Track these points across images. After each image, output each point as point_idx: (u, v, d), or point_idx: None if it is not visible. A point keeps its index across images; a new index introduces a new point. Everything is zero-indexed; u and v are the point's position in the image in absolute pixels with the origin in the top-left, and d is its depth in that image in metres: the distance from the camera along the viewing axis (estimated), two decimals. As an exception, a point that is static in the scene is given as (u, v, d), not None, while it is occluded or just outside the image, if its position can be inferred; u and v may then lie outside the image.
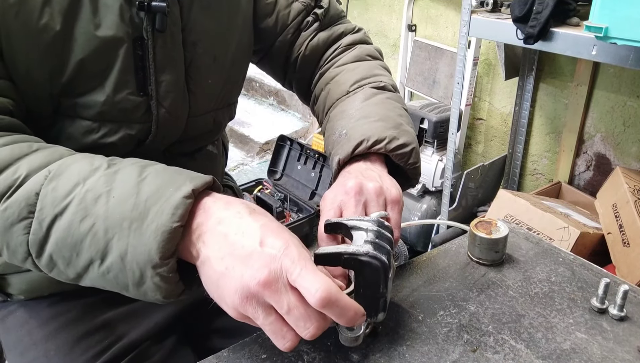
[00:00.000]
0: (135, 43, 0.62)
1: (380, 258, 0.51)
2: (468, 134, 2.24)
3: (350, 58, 0.83)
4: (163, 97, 0.66)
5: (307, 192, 2.39)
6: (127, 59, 0.62)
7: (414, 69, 2.36)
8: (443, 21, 2.25)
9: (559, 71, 1.87)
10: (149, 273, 0.47)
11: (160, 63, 0.64)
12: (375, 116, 0.71)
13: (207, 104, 0.74)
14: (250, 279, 0.44)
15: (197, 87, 0.70)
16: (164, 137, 0.70)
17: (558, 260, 0.71)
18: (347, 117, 0.73)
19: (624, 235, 1.40)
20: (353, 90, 0.77)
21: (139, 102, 0.65)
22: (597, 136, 1.83)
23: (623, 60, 1.20)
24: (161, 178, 0.50)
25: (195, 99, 0.71)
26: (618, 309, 0.59)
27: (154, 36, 0.63)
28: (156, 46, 0.63)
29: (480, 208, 2.05)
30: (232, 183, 0.95)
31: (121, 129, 0.65)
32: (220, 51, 0.72)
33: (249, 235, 0.47)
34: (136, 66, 0.63)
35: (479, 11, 1.57)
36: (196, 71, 0.69)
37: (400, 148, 0.68)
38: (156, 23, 0.62)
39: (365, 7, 2.63)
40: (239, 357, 0.54)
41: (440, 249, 0.73)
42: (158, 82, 0.65)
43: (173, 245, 0.47)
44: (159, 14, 0.61)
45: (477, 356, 0.54)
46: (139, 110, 0.65)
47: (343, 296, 0.46)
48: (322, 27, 0.83)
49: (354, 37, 0.85)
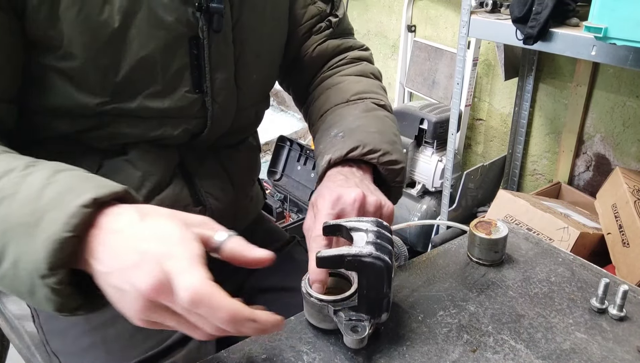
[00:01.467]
0: (191, 42, 0.64)
1: (383, 258, 0.51)
2: (468, 135, 2.24)
3: (354, 71, 0.85)
4: (217, 93, 0.69)
5: (307, 192, 2.39)
6: (183, 58, 0.64)
7: (414, 70, 2.36)
8: (442, 22, 2.25)
9: (558, 71, 1.87)
10: (37, 282, 0.44)
11: (214, 62, 0.67)
12: (373, 127, 0.72)
13: (251, 99, 0.77)
14: (141, 289, 0.42)
15: (244, 83, 0.73)
16: (216, 130, 0.72)
17: (558, 260, 0.71)
18: (345, 122, 0.74)
19: (623, 235, 1.40)
20: (354, 100, 0.79)
21: (194, 99, 0.67)
22: (597, 137, 1.83)
23: (622, 60, 1.20)
24: (69, 183, 0.46)
25: (242, 94, 0.73)
26: (618, 309, 0.59)
27: (209, 36, 0.65)
28: (212, 46, 0.65)
29: (480, 209, 2.05)
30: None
31: (179, 124, 0.68)
32: (263, 48, 0.75)
33: (136, 244, 0.44)
34: (192, 64, 0.65)
35: (478, 12, 1.57)
36: (243, 68, 0.72)
37: (392, 163, 0.69)
38: (213, 23, 0.64)
39: (365, 7, 2.64)
40: (239, 357, 0.55)
41: (440, 249, 0.73)
42: (213, 79, 0.67)
43: (63, 255, 0.43)
44: (216, 15, 0.63)
45: (477, 356, 0.54)
46: (194, 106, 0.68)
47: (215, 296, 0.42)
48: (334, 35, 0.86)
49: (361, 54, 0.89)
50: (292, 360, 0.54)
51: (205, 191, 0.75)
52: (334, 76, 0.85)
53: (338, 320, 0.54)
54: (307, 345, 0.55)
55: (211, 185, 0.75)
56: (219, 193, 0.76)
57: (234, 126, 0.76)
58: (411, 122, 2.01)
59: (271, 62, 0.80)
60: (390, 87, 2.66)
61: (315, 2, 0.83)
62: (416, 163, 2.07)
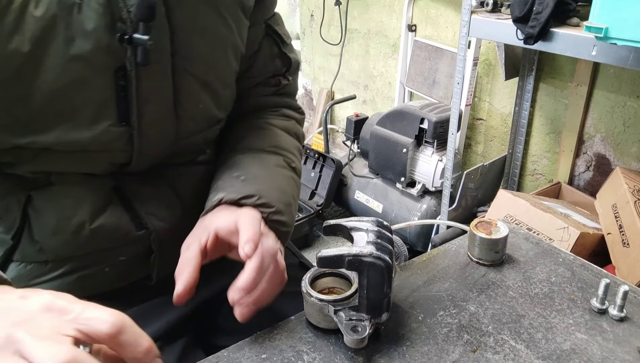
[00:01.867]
0: (117, 74, 0.59)
1: (384, 258, 0.52)
2: (468, 135, 2.24)
3: (281, 125, 0.84)
4: (147, 127, 0.64)
5: (307, 192, 2.39)
6: (107, 90, 0.60)
7: (414, 69, 2.36)
8: (443, 21, 2.25)
9: (559, 71, 1.87)
10: None
11: (144, 94, 0.62)
12: (276, 183, 0.71)
13: (196, 127, 0.73)
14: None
15: (186, 113, 0.69)
16: (145, 162, 0.69)
17: (558, 260, 0.71)
18: (250, 168, 0.72)
19: (623, 236, 1.40)
20: (269, 150, 0.78)
21: (120, 132, 0.63)
22: (597, 137, 1.83)
23: (623, 60, 1.20)
24: None
25: (183, 123, 0.69)
26: (618, 309, 0.59)
27: (137, 67, 0.60)
28: (140, 78, 0.61)
29: (480, 208, 2.05)
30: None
31: (103, 158, 0.65)
32: (210, 75, 0.70)
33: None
34: (118, 96, 0.60)
35: (479, 11, 1.57)
36: (186, 97, 0.68)
37: (281, 224, 0.67)
38: (138, 56, 0.59)
39: (365, 7, 2.63)
40: (238, 356, 0.55)
41: (440, 249, 0.73)
42: (141, 113, 0.63)
43: None
44: (140, 47, 0.58)
45: (477, 356, 0.54)
46: (119, 140, 0.64)
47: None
48: (276, 93, 0.86)
49: (293, 114, 0.88)
50: (292, 360, 0.54)
51: (146, 213, 0.71)
52: (260, 121, 0.83)
53: (338, 320, 0.54)
54: (307, 345, 0.55)
55: (154, 206, 0.72)
56: (165, 214, 0.73)
57: (176, 152, 0.72)
58: (411, 122, 2.01)
59: (223, 89, 0.75)
60: (391, 87, 2.66)
61: (275, 59, 0.83)
62: (416, 163, 2.07)
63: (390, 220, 2.13)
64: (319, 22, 2.92)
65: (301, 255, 0.92)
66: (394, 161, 2.08)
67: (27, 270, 0.68)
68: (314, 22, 3.05)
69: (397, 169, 2.08)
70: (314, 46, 3.12)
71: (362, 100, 2.87)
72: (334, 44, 2.85)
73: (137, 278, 0.75)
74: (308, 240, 2.29)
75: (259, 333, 0.57)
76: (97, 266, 0.71)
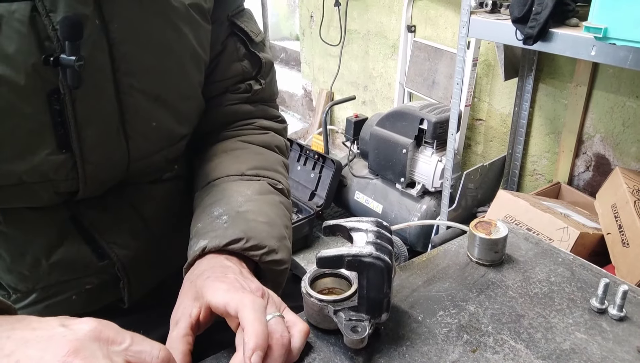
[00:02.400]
0: (50, 97, 0.54)
1: (383, 258, 0.52)
2: (467, 135, 2.24)
3: (258, 141, 0.76)
4: (89, 153, 0.59)
5: (307, 193, 2.39)
6: (41, 116, 0.54)
7: (414, 70, 2.36)
8: (442, 22, 2.25)
9: (558, 71, 1.87)
10: None
11: (82, 118, 0.57)
12: (263, 216, 0.64)
13: (152, 146, 0.66)
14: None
15: (136, 133, 0.63)
16: (99, 187, 0.64)
17: (558, 260, 0.71)
18: (232, 202, 0.64)
19: (623, 236, 1.40)
20: (249, 175, 0.70)
21: (62, 160, 0.58)
22: (597, 137, 1.83)
23: (622, 60, 1.20)
24: None
25: (135, 144, 0.63)
26: (617, 309, 0.59)
27: (71, 90, 0.54)
28: (76, 100, 0.55)
29: (479, 209, 2.05)
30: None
31: (46, 188, 0.59)
32: (163, 89, 0.64)
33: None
34: (54, 122, 0.55)
35: (478, 12, 1.57)
36: (134, 115, 0.61)
37: (276, 263, 0.61)
38: (67, 78, 0.53)
39: (365, 7, 2.64)
40: (239, 357, 0.54)
41: (440, 249, 0.73)
42: (81, 137, 0.57)
43: None
44: (68, 69, 0.52)
45: (476, 356, 0.54)
46: (62, 168, 0.59)
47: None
48: (249, 100, 0.77)
49: (271, 124, 0.79)
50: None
51: (108, 243, 0.66)
52: (235, 139, 0.75)
53: (338, 320, 0.54)
54: (307, 345, 0.55)
55: (116, 234, 0.67)
56: (128, 241, 0.68)
57: (134, 174, 0.67)
58: (411, 123, 2.01)
59: (182, 103, 0.68)
60: (390, 88, 2.66)
61: (242, 60, 0.75)
62: (416, 163, 2.07)
63: (390, 221, 2.13)
64: (318, 23, 2.92)
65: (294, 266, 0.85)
66: (394, 162, 2.08)
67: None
68: (313, 23, 3.05)
69: (397, 170, 2.08)
70: (313, 47, 3.12)
71: (362, 101, 2.87)
72: (334, 44, 2.85)
73: (108, 302, 0.71)
74: (308, 240, 2.29)
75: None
76: (63, 295, 0.67)
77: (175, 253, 0.74)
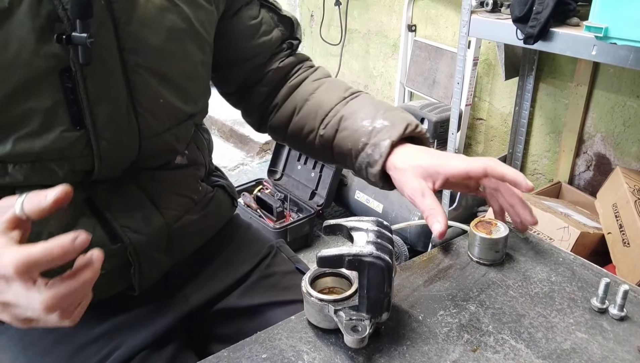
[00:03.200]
0: (62, 76, 0.57)
1: (383, 258, 0.52)
2: (468, 134, 2.24)
3: (320, 75, 0.85)
4: (102, 129, 0.62)
5: (307, 192, 2.39)
6: (54, 94, 0.57)
7: (414, 69, 2.36)
8: (443, 21, 2.25)
9: (559, 71, 1.87)
10: None
11: (94, 95, 0.60)
12: (395, 109, 0.74)
13: (162, 124, 0.69)
14: None
15: (145, 110, 0.66)
16: (111, 167, 0.66)
17: (558, 259, 0.71)
18: (370, 113, 0.74)
19: (624, 235, 1.40)
20: (349, 95, 0.79)
21: (76, 137, 0.61)
22: (597, 136, 1.83)
23: (623, 60, 1.20)
24: None
25: (145, 121, 0.66)
26: (618, 309, 0.59)
27: (82, 68, 0.58)
28: (87, 78, 0.59)
29: (480, 208, 2.05)
30: (224, 181, 0.91)
31: (62, 166, 0.62)
32: (168, 68, 0.67)
33: None
34: (67, 99, 0.58)
35: (478, 11, 1.57)
36: (142, 93, 0.65)
37: (425, 133, 0.74)
38: (79, 56, 0.56)
39: (365, 7, 2.63)
40: (238, 357, 0.54)
41: (441, 249, 0.73)
42: (94, 114, 0.60)
43: None
44: (80, 46, 0.55)
45: (477, 356, 0.54)
46: (77, 145, 0.61)
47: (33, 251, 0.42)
48: (291, 54, 0.87)
49: (314, 63, 0.90)
50: (292, 359, 0.54)
51: (121, 226, 0.68)
52: (307, 81, 0.84)
53: (338, 319, 0.54)
54: (307, 345, 0.55)
55: (129, 218, 0.69)
56: (140, 225, 0.70)
57: (146, 154, 0.69)
58: (411, 122, 2.01)
59: (188, 81, 0.71)
60: (391, 87, 2.66)
61: (278, 25, 0.83)
62: (416, 163, 2.06)
63: (391, 220, 2.13)
64: (318, 22, 2.92)
65: (297, 260, 0.89)
66: (394, 161, 2.08)
67: None
68: (313, 23, 3.05)
69: (397, 169, 2.08)
70: (314, 46, 3.12)
71: (362, 100, 2.87)
72: (334, 44, 2.85)
73: (119, 289, 0.73)
74: (308, 240, 2.29)
75: (259, 334, 0.57)
76: None
77: (185, 241, 0.78)
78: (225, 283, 0.83)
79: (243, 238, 0.90)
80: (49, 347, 0.71)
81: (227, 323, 0.82)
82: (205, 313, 0.81)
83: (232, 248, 0.87)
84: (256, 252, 0.88)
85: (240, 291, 0.82)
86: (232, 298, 0.82)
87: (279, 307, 0.81)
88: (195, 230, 0.80)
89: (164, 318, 0.76)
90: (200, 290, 0.81)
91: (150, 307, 0.76)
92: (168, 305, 0.77)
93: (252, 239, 0.91)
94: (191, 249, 0.82)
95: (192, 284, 0.81)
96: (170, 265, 0.78)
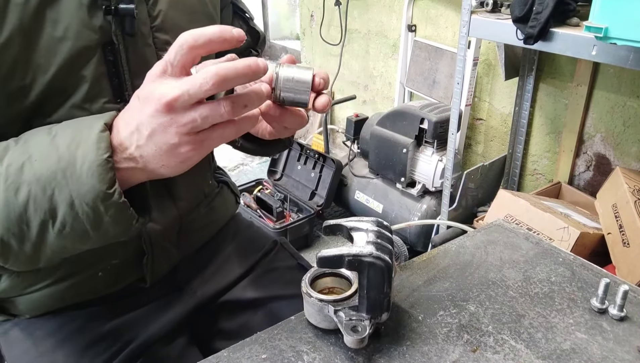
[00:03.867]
0: (105, 49, 0.60)
1: (383, 258, 0.52)
2: (468, 135, 2.24)
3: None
4: None
5: (307, 192, 2.39)
6: (98, 67, 0.60)
7: (414, 69, 2.36)
8: (443, 21, 2.25)
9: (559, 71, 1.87)
10: (101, 208, 0.49)
11: (134, 67, 0.63)
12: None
13: None
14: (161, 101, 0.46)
15: None
16: None
17: (558, 260, 0.71)
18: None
19: (624, 235, 1.40)
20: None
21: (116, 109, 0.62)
22: (597, 136, 1.83)
23: (623, 60, 1.19)
24: (70, 128, 0.51)
25: None
26: (618, 309, 0.59)
27: (124, 40, 0.61)
28: (128, 50, 0.62)
29: (480, 208, 2.05)
30: (226, 178, 0.94)
31: None
32: None
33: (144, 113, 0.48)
34: (109, 72, 0.61)
35: (478, 11, 1.57)
36: None
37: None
38: (125, 26, 0.60)
39: (365, 7, 2.63)
40: (238, 357, 0.54)
41: (440, 249, 0.73)
42: (134, 86, 0.62)
43: (111, 173, 0.49)
44: (127, 17, 0.59)
45: (477, 356, 0.54)
46: None
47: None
48: None
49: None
50: (292, 360, 0.54)
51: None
52: None
53: (338, 320, 0.54)
54: (307, 345, 0.55)
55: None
56: (156, 214, 0.72)
57: None
58: (411, 122, 2.01)
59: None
60: (391, 87, 2.66)
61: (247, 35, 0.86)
62: (416, 163, 2.06)
63: (391, 220, 2.13)
64: (319, 22, 2.92)
65: (299, 257, 0.92)
66: (394, 161, 2.08)
67: (19, 279, 0.68)
68: (314, 23, 3.05)
69: (397, 170, 2.08)
70: (313, 46, 3.12)
71: (362, 100, 2.87)
72: (334, 44, 2.85)
73: (131, 280, 0.75)
74: (308, 240, 2.29)
75: (259, 334, 0.57)
76: (90, 271, 0.70)
77: (193, 235, 0.82)
78: (231, 276, 0.85)
79: (246, 234, 0.93)
80: (59, 342, 0.71)
81: (231, 317, 0.83)
82: (210, 307, 0.82)
83: (236, 243, 0.90)
84: (260, 247, 0.91)
85: (244, 284, 0.85)
86: (237, 291, 0.84)
87: (283, 301, 0.82)
88: (203, 223, 0.83)
89: (173, 313, 0.78)
90: (207, 284, 0.83)
91: (159, 302, 0.78)
92: (177, 299, 0.79)
93: (255, 235, 0.94)
94: (198, 243, 0.84)
95: (199, 278, 0.83)
96: (179, 258, 0.80)
